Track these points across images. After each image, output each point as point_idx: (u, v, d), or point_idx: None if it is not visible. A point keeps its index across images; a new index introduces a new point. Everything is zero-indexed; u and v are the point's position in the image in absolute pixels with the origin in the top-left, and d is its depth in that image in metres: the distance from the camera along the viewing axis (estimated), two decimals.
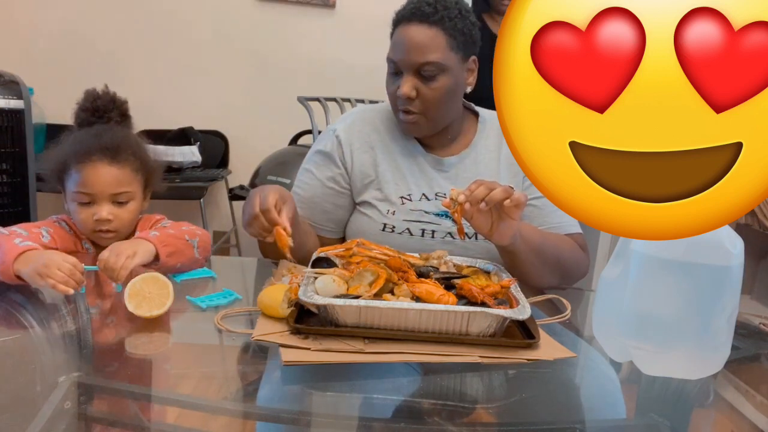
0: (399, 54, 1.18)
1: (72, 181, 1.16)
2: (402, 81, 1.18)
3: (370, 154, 1.28)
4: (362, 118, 1.33)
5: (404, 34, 1.18)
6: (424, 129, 1.24)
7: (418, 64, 1.17)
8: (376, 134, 1.30)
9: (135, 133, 1.27)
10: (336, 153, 1.28)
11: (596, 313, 0.86)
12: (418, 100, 1.19)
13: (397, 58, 1.19)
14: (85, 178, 1.15)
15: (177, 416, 0.70)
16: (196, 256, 1.15)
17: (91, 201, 1.16)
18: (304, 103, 2.44)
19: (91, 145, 1.16)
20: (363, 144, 1.29)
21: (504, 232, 1.04)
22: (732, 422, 0.77)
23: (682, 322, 0.76)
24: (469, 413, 0.72)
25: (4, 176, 2.01)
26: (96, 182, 1.15)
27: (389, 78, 1.23)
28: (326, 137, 1.32)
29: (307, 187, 1.29)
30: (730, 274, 0.75)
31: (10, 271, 0.96)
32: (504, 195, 0.98)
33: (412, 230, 1.24)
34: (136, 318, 0.87)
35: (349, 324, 0.83)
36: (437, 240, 1.24)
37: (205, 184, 2.77)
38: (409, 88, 1.17)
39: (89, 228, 1.17)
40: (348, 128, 1.30)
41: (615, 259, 0.83)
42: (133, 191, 1.19)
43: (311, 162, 1.31)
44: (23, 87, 2.06)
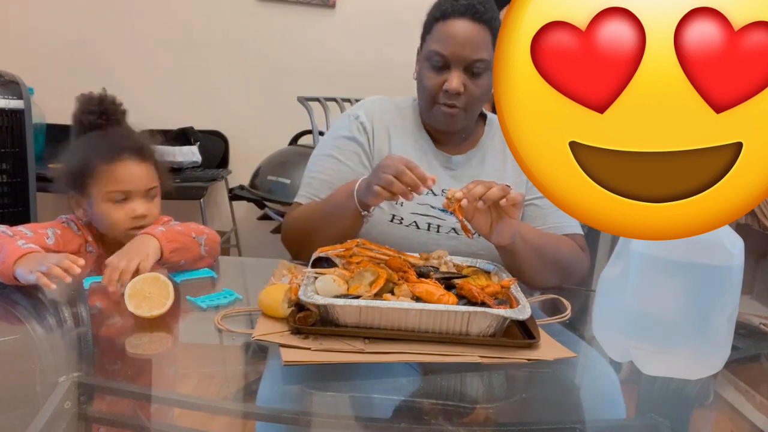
0: (450, 48, 1.18)
1: (103, 181, 1.18)
2: (450, 75, 1.19)
3: (387, 143, 1.30)
4: (381, 106, 1.34)
5: (457, 28, 1.18)
6: (460, 123, 1.26)
7: (471, 60, 1.17)
8: (393, 124, 1.31)
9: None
10: (362, 138, 1.29)
11: (596, 313, 0.86)
12: (464, 96, 1.20)
13: (447, 52, 1.18)
14: (120, 176, 1.18)
15: (177, 416, 0.70)
16: (203, 253, 1.16)
17: (127, 198, 1.19)
18: (304, 103, 2.44)
19: (121, 145, 1.20)
20: (381, 131, 1.30)
21: (503, 232, 1.04)
22: (732, 422, 0.77)
23: (682, 322, 0.76)
24: (469, 413, 0.72)
25: (4, 176, 2.00)
26: (132, 179, 1.19)
27: (430, 71, 1.21)
28: (348, 123, 1.32)
29: (332, 172, 1.28)
30: (730, 274, 0.75)
31: (10, 272, 0.96)
32: (501, 193, 0.99)
33: (419, 223, 1.25)
34: (136, 318, 0.87)
35: (350, 324, 0.83)
36: (442, 234, 1.25)
37: (205, 184, 2.77)
38: (459, 83, 1.18)
39: (125, 227, 1.18)
40: (369, 114, 1.31)
41: (615, 259, 0.83)
42: (158, 187, 1.24)
43: (333, 147, 1.31)
44: (23, 87, 2.06)
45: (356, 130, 1.30)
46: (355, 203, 1.10)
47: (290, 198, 2.47)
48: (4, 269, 0.97)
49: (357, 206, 1.10)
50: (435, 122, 1.27)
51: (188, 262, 1.12)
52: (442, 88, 1.20)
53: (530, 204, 1.31)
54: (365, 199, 1.08)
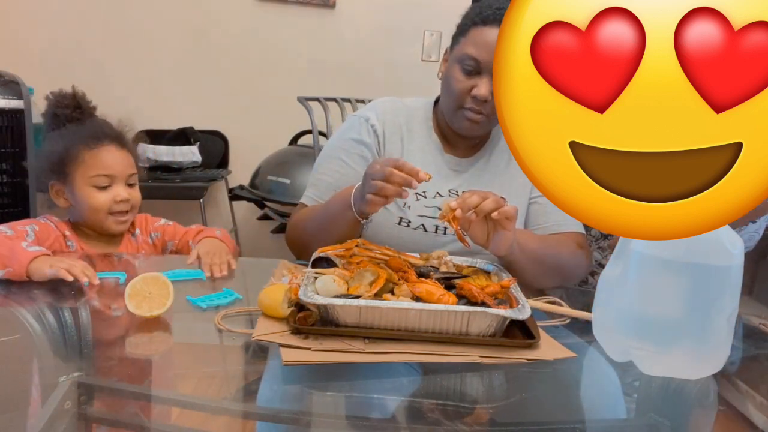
0: (486, 55, 1.17)
1: (86, 166, 1.22)
2: (481, 82, 1.18)
3: (399, 146, 1.29)
4: (393, 108, 1.33)
5: (495, 36, 1.17)
6: (482, 130, 1.26)
7: None
8: (404, 127, 1.31)
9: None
10: (371, 141, 1.29)
11: (596, 313, 0.86)
12: (491, 104, 1.19)
13: (483, 59, 1.17)
14: (104, 161, 1.23)
15: (177, 416, 0.70)
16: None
17: (110, 183, 1.23)
18: (304, 103, 2.44)
19: (102, 132, 1.25)
20: (393, 134, 1.30)
21: (499, 243, 1.04)
22: (732, 422, 0.77)
23: (682, 322, 0.76)
24: (469, 413, 0.72)
25: (4, 176, 2.01)
26: (114, 164, 1.24)
27: (460, 74, 1.20)
28: (358, 125, 1.31)
29: (338, 176, 1.28)
30: (730, 274, 0.75)
31: (23, 271, 0.99)
32: (494, 206, 0.99)
33: (426, 226, 1.25)
34: (136, 318, 0.87)
35: (350, 324, 0.83)
36: (449, 237, 1.25)
37: (205, 184, 2.77)
38: (488, 91, 1.17)
39: (106, 211, 1.23)
40: (380, 117, 1.31)
41: (615, 259, 0.83)
42: (137, 174, 1.30)
43: (341, 150, 1.30)
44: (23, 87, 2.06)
45: (365, 133, 1.29)
46: (353, 212, 1.10)
47: (290, 198, 2.49)
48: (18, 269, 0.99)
49: (355, 215, 1.10)
50: (458, 126, 1.26)
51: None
52: (470, 93, 1.19)
53: (533, 202, 1.31)
54: (362, 208, 1.07)
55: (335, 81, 3.05)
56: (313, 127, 2.42)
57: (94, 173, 1.21)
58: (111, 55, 3.04)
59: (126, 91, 3.03)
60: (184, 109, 3.08)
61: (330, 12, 3.10)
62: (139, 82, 3.06)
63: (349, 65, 3.09)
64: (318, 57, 3.11)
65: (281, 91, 3.03)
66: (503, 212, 0.99)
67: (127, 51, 3.06)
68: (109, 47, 3.03)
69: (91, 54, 3.02)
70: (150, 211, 1.38)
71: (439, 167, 1.29)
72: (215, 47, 3.09)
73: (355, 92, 2.68)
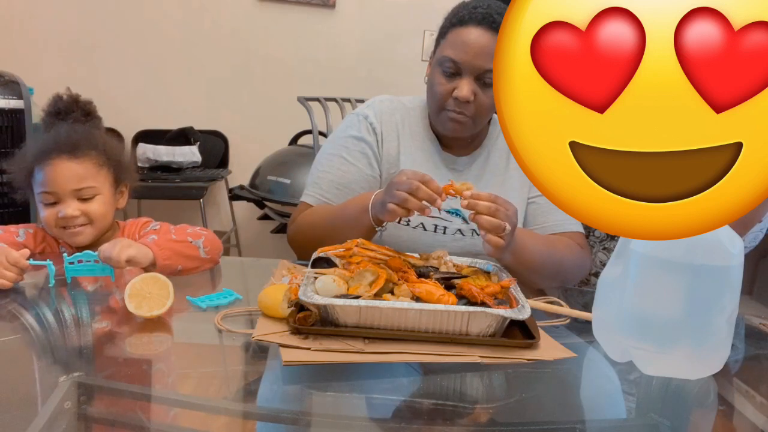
0: (464, 55, 1.16)
1: (36, 183, 1.17)
2: (461, 83, 1.18)
3: (396, 144, 1.29)
4: (390, 107, 1.33)
5: (472, 36, 1.16)
6: (467, 131, 1.25)
7: (483, 69, 1.16)
8: (402, 125, 1.31)
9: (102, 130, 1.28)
10: (371, 138, 1.29)
11: (596, 313, 0.86)
12: (473, 105, 1.19)
13: (460, 59, 1.17)
14: (46, 177, 1.15)
15: (177, 416, 0.70)
16: (203, 255, 1.14)
17: (56, 200, 1.16)
18: (304, 103, 2.44)
19: (50, 145, 1.17)
20: (390, 132, 1.30)
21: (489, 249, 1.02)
22: (732, 422, 0.77)
23: (682, 322, 0.76)
24: (469, 413, 0.72)
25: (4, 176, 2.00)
26: (56, 180, 1.15)
27: (441, 76, 1.20)
28: (357, 123, 1.31)
29: (340, 173, 1.28)
30: (730, 274, 0.75)
31: None
32: (488, 226, 0.98)
33: (425, 225, 1.25)
34: (136, 318, 0.87)
35: (349, 324, 0.83)
36: (448, 236, 1.26)
37: (205, 184, 2.77)
38: (469, 92, 1.17)
39: (55, 227, 1.17)
40: (378, 115, 1.31)
41: (615, 259, 0.83)
42: (98, 186, 1.19)
43: (341, 147, 1.30)
44: (23, 87, 2.07)
45: (365, 130, 1.29)
46: (370, 219, 1.09)
47: (290, 198, 2.49)
48: None
49: (371, 222, 1.10)
50: (442, 128, 1.26)
51: (186, 267, 1.11)
52: (451, 94, 1.19)
53: (531, 202, 1.31)
54: (380, 215, 1.06)
55: (335, 81, 3.05)
56: (313, 127, 2.43)
57: (39, 190, 1.16)
58: (111, 55, 3.04)
59: (126, 91, 3.03)
60: (184, 109, 3.08)
61: (330, 12, 3.10)
62: (139, 81, 3.07)
63: (349, 65, 3.09)
64: (318, 57, 3.11)
65: (281, 91, 3.03)
66: (492, 240, 0.99)
67: (128, 51, 3.06)
68: (109, 47, 3.04)
69: (92, 54, 3.02)
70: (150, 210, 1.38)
71: (437, 165, 1.29)
72: (215, 47, 3.09)
73: (355, 92, 2.68)
